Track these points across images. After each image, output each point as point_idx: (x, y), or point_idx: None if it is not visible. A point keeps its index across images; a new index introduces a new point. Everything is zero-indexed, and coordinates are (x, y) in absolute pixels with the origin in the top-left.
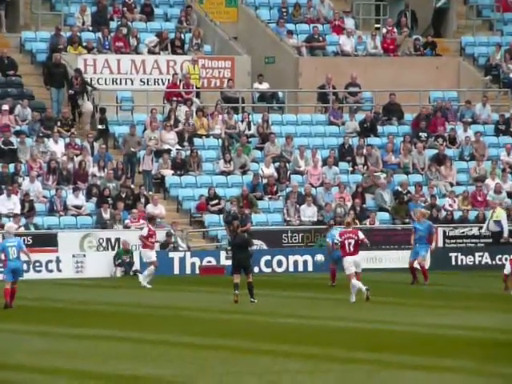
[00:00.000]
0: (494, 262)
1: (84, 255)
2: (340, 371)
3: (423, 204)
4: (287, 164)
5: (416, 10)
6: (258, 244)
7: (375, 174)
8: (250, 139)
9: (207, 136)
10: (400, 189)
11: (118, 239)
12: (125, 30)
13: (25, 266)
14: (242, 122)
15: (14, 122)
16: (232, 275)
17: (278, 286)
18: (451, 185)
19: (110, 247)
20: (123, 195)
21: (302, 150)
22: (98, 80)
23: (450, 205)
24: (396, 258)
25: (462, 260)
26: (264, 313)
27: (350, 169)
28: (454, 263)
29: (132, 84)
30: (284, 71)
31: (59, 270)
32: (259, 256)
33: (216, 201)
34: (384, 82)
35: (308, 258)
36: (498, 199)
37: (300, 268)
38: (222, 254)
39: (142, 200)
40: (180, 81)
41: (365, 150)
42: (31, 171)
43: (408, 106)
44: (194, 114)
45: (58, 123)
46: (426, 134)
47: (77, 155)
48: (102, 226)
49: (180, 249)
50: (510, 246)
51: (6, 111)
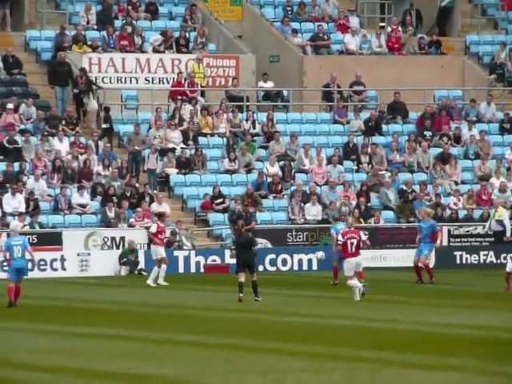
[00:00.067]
0: (498, 261)
1: (89, 254)
2: (345, 370)
3: (428, 203)
4: (292, 163)
5: (421, 8)
6: (263, 242)
7: (380, 172)
8: (254, 138)
9: (212, 135)
10: (405, 187)
11: (122, 238)
12: (129, 29)
13: (29, 265)
14: (247, 120)
15: (19, 120)
16: (237, 274)
17: (282, 284)
18: (456, 183)
19: (114, 246)
20: (128, 194)
21: (307, 149)
22: (102, 79)
23: (454, 203)
24: (401, 257)
25: (466, 259)
26: (268, 311)
27: (355, 167)
28: (458, 262)
29: (137, 83)
30: (289, 70)
31: (64, 269)
32: (264, 254)
33: (221, 199)
34: (389, 81)
35: (313, 256)
36: (502, 198)
37: (305, 267)
38: (227, 253)
39: (147, 199)
40: (185, 79)
41: (369, 149)
42: (36, 170)
43: (413, 105)
44: (199, 112)
45: (63, 122)
46: (430, 133)
47: (81, 154)
48: (107, 225)
49: (185, 247)
50: None
51: (10, 110)
